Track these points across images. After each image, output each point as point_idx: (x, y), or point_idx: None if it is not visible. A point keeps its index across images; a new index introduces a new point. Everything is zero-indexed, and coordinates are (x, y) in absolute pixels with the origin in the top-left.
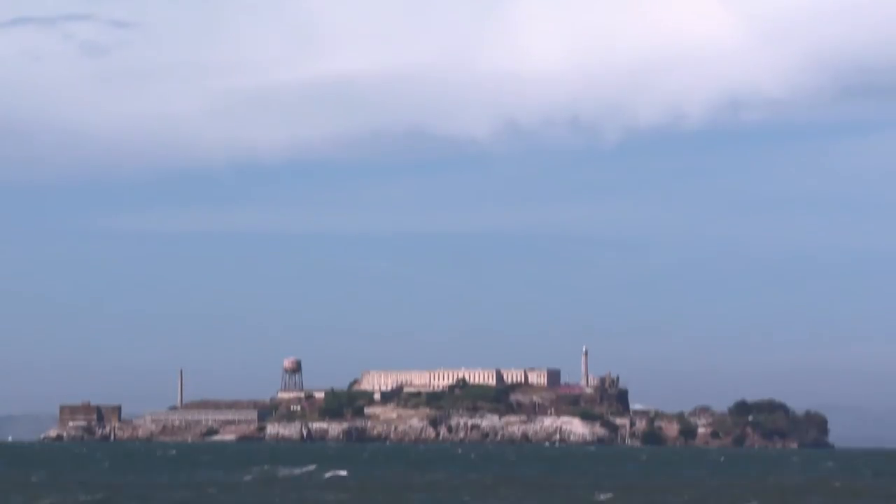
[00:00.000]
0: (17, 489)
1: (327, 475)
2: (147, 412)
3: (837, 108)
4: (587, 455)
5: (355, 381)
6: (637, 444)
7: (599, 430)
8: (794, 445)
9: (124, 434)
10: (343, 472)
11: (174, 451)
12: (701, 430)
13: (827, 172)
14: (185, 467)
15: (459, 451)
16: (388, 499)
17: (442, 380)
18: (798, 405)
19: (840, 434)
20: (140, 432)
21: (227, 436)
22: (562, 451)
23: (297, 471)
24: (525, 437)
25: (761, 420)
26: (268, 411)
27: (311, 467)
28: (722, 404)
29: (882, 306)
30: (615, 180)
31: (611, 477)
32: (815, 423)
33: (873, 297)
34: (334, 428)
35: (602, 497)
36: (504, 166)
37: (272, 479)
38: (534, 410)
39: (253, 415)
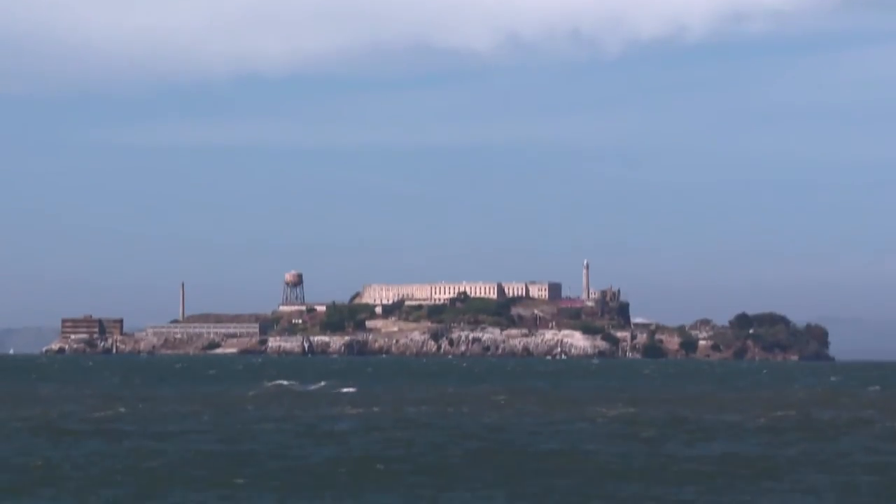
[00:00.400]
0: (27, 404)
1: (334, 391)
2: (149, 325)
3: (840, 19)
4: (590, 369)
5: (357, 295)
6: (638, 356)
7: (600, 344)
8: (795, 358)
9: (126, 347)
10: (351, 389)
11: (179, 365)
12: (702, 343)
13: (829, 84)
14: (194, 381)
15: (464, 364)
16: (399, 413)
17: (443, 293)
18: (799, 318)
19: (840, 346)
20: (142, 345)
21: (229, 349)
22: (565, 365)
23: (310, 387)
24: (526, 350)
25: (762, 333)
26: (269, 324)
27: (322, 384)
28: (723, 317)
29: (882, 219)
30: (617, 93)
31: (617, 391)
32: (816, 336)
33: (874, 210)
34: (335, 341)
35: (610, 412)
36: (505, 79)
37: (282, 394)
38: (535, 324)
39: (254, 328)
